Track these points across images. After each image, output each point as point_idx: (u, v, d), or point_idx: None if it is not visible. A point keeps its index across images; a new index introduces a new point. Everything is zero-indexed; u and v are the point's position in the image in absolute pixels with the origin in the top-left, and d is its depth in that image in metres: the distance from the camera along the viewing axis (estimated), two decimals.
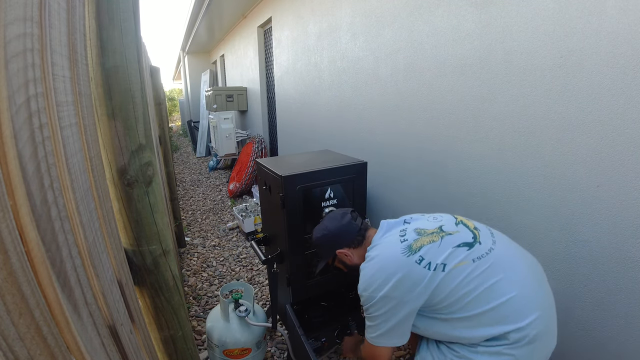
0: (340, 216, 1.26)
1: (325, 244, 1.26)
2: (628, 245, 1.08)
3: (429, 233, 1.06)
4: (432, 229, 1.07)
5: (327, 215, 1.33)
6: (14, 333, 0.28)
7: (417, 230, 1.08)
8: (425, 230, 1.08)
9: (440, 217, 1.14)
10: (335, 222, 1.25)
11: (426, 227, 1.08)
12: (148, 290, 0.80)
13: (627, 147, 1.04)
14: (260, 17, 4.34)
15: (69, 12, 0.54)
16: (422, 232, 1.07)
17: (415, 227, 1.09)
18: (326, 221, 1.29)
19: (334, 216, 1.28)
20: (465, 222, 1.12)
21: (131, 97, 0.71)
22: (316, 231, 1.30)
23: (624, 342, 1.13)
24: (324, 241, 1.26)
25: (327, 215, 1.33)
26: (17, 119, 0.33)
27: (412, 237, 1.06)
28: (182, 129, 12.62)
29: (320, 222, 1.33)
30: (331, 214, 1.31)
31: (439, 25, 1.63)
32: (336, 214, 1.29)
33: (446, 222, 1.09)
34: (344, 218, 1.24)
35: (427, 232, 1.07)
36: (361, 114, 2.37)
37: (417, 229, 1.08)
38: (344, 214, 1.26)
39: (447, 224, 1.09)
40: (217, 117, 5.16)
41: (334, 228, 1.23)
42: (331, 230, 1.24)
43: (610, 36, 1.04)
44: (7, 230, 0.29)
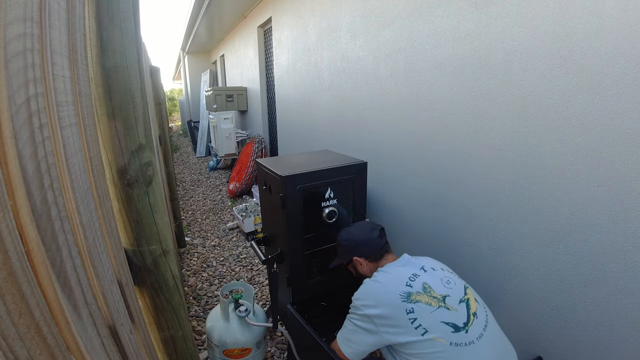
0: (370, 229, 1.34)
1: (347, 247, 1.36)
2: (628, 245, 1.08)
3: (432, 295, 1.08)
4: (437, 294, 1.09)
5: (359, 223, 1.43)
6: (14, 333, 0.28)
7: (425, 286, 1.10)
8: (432, 290, 1.10)
9: (453, 283, 1.15)
10: (363, 233, 1.34)
11: (434, 288, 1.11)
12: (148, 290, 0.80)
13: (627, 147, 1.04)
14: (260, 17, 4.34)
15: (69, 12, 0.54)
16: (427, 289, 1.10)
17: (425, 281, 1.12)
18: (356, 228, 1.39)
19: (365, 226, 1.37)
20: (470, 302, 1.12)
21: (131, 97, 0.71)
22: (344, 233, 1.40)
23: (625, 342, 1.13)
24: (348, 245, 1.36)
25: (358, 223, 1.44)
26: (17, 119, 0.33)
27: (416, 288, 1.09)
28: (182, 129, 12.62)
29: (351, 226, 1.43)
30: (363, 224, 1.41)
31: (439, 25, 1.63)
32: (367, 225, 1.38)
33: (453, 295, 1.10)
34: (372, 232, 1.33)
35: (431, 293, 1.09)
36: (361, 113, 2.37)
37: (425, 284, 1.11)
38: (373, 228, 1.35)
39: (453, 297, 1.10)
40: (217, 117, 5.16)
41: (361, 237, 1.33)
42: (357, 238, 1.34)
43: (610, 36, 1.04)
44: (7, 230, 0.29)
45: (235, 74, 6.27)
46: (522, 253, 1.41)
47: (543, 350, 1.39)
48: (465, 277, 1.69)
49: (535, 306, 1.40)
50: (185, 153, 8.72)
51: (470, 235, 1.64)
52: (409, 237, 2.06)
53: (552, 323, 1.34)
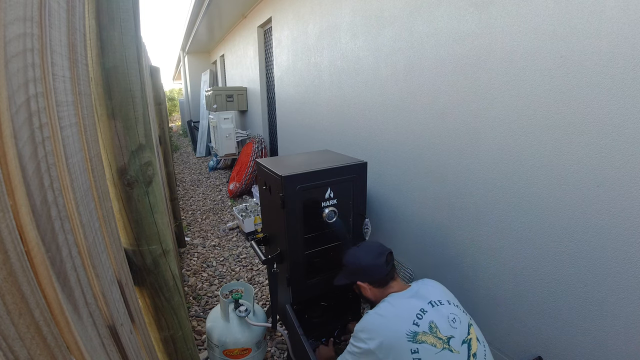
0: (377, 254, 1.30)
1: (352, 270, 1.33)
2: (628, 244, 1.08)
3: (437, 336, 1.08)
4: (442, 336, 1.08)
5: (366, 245, 1.38)
6: (14, 333, 0.28)
7: (431, 325, 1.09)
8: (438, 331, 1.09)
9: (458, 322, 1.14)
10: (369, 258, 1.30)
11: (440, 328, 1.10)
12: (148, 290, 0.80)
13: (627, 147, 1.04)
14: (260, 17, 4.34)
15: (69, 12, 0.54)
16: (434, 329, 1.08)
17: (432, 319, 1.10)
18: (362, 251, 1.34)
19: (371, 250, 1.33)
20: (472, 342, 1.12)
21: (131, 97, 0.71)
22: (350, 255, 1.36)
23: (625, 342, 1.13)
24: (352, 268, 1.33)
25: (366, 244, 1.39)
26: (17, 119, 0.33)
27: (423, 327, 1.08)
28: (182, 129, 12.62)
29: (358, 246, 1.38)
30: (370, 246, 1.36)
31: (439, 25, 1.63)
32: (374, 249, 1.32)
33: (457, 336, 1.10)
34: (379, 258, 1.29)
35: (437, 334, 1.08)
36: (361, 113, 2.37)
37: (432, 323, 1.10)
38: (381, 253, 1.30)
39: (457, 337, 1.10)
40: (217, 117, 5.16)
41: (366, 262, 1.29)
42: (362, 262, 1.30)
43: (610, 36, 1.04)
44: (7, 230, 0.29)
45: (235, 74, 6.27)
46: (522, 253, 1.41)
47: (543, 350, 1.39)
48: (464, 278, 1.70)
49: (535, 306, 1.40)
50: (185, 153, 8.72)
51: (470, 235, 1.64)
52: (408, 237, 2.06)
53: (552, 323, 1.34)
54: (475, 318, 1.66)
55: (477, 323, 1.64)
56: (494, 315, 1.59)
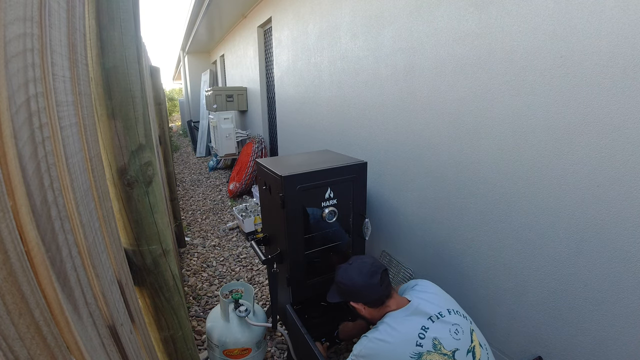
0: (370, 274, 1.23)
1: (344, 290, 1.27)
2: (628, 244, 1.08)
3: (442, 352, 1.06)
4: (447, 351, 1.07)
5: (359, 262, 1.29)
6: (14, 333, 0.28)
7: (435, 342, 1.07)
8: (442, 347, 1.07)
9: (461, 332, 1.12)
10: (362, 278, 1.23)
11: (444, 344, 1.07)
12: (148, 290, 0.80)
13: (627, 147, 1.04)
14: (260, 17, 4.34)
15: (69, 12, 0.54)
16: (438, 347, 1.06)
17: (435, 336, 1.08)
18: (355, 271, 1.26)
19: (364, 270, 1.25)
20: (476, 350, 1.12)
21: (131, 97, 0.71)
22: (342, 274, 1.29)
23: (625, 341, 1.13)
24: (344, 288, 1.26)
25: (358, 261, 1.30)
26: (17, 119, 0.33)
27: (427, 347, 1.06)
28: (182, 129, 12.62)
29: (350, 264, 1.30)
30: (363, 264, 1.27)
31: (439, 25, 1.63)
32: (367, 269, 1.25)
33: (462, 347, 1.09)
34: (373, 277, 1.22)
35: (442, 350, 1.06)
36: (361, 113, 2.37)
37: (435, 340, 1.07)
38: (374, 272, 1.23)
39: (462, 349, 1.08)
40: (217, 117, 5.16)
41: (359, 283, 1.22)
42: (355, 284, 1.23)
43: (610, 36, 1.04)
44: (7, 230, 0.29)
45: (235, 74, 6.27)
46: (521, 253, 1.41)
47: (543, 350, 1.39)
48: (464, 278, 1.70)
49: (535, 306, 1.40)
50: (185, 153, 8.72)
51: (470, 236, 1.64)
52: (408, 237, 2.06)
53: (552, 323, 1.34)
54: (475, 318, 1.66)
55: (477, 323, 1.64)
56: (494, 316, 1.59)
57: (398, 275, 2.11)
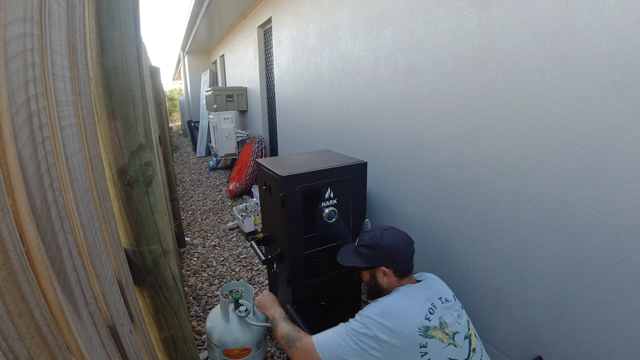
0: (407, 243, 1.27)
1: (381, 254, 1.23)
2: (628, 244, 1.08)
3: (445, 332, 1.09)
4: (449, 331, 1.09)
5: (394, 231, 1.29)
6: (14, 333, 0.28)
7: (441, 321, 1.10)
8: (446, 327, 1.10)
9: (461, 318, 1.15)
10: (403, 245, 1.24)
11: (448, 324, 1.10)
12: (148, 290, 0.80)
13: (627, 147, 1.04)
14: (260, 17, 4.34)
15: (69, 12, 0.54)
16: (443, 325, 1.09)
17: (441, 315, 1.11)
18: (394, 237, 1.25)
19: (403, 238, 1.27)
20: (472, 338, 1.14)
21: (131, 97, 0.71)
22: (379, 238, 1.25)
23: (625, 341, 1.13)
24: (382, 252, 1.22)
25: (393, 230, 1.29)
26: (17, 119, 0.33)
27: (434, 323, 1.08)
28: (182, 129, 12.62)
29: (385, 230, 1.28)
30: (399, 233, 1.29)
31: (439, 25, 1.62)
32: (405, 237, 1.28)
33: (461, 331, 1.11)
34: (410, 247, 1.26)
35: (445, 329, 1.09)
36: (361, 113, 2.37)
37: (441, 319, 1.10)
38: (411, 243, 1.28)
39: (461, 333, 1.11)
40: (217, 117, 5.16)
41: (400, 249, 1.22)
42: (397, 249, 1.22)
43: (610, 36, 1.04)
44: (7, 230, 0.29)
45: (235, 74, 6.27)
46: (522, 253, 1.41)
47: (543, 350, 1.39)
48: (464, 278, 1.70)
49: (535, 306, 1.40)
50: (185, 153, 8.72)
51: (469, 236, 1.64)
52: None
53: (552, 323, 1.34)
54: (475, 318, 1.66)
55: (477, 323, 1.64)
56: (494, 315, 1.59)
57: None
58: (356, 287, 1.88)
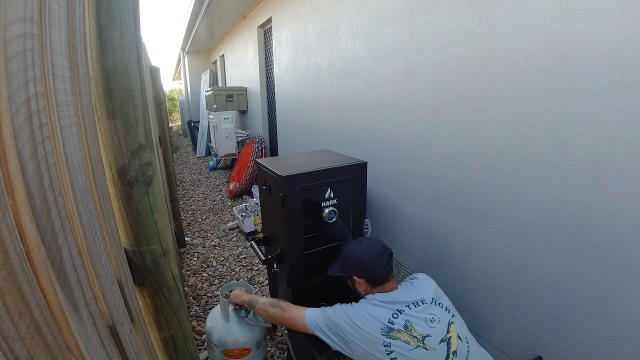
0: (379, 254, 1.31)
1: (351, 265, 1.33)
2: (628, 244, 1.08)
3: (412, 334, 1.11)
4: (417, 334, 1.11)
5: (369, 241, 1.37)
6: (14, 333, 0.28)
7: (407, 324, 1.13)
8: (413, 329, 1.12)
9: (437, 322, 1.16)
10: (371, 257, 1.30)
11: (415, 327, 1.13)
12: (148, 290, 0.80)
13: (627, 147, 1.04)
14: (260, 17, 4.34)
15: (69, 12, 0.54)
16: (409, 328, 1.12)
17: (407, 319, 1.14)
18: (365, 249, 1.33)
19: (374, 250, 1.32)
20: (452, 340, 1.14)
21: (131, 97, 0.71)
22: (351, 249, 1.36)
23: (625, 341, 1.13)
24: (352, 263, 1.33)
25: (368, 240, 1.37)
26: (17, 119, 0.33)
27: (398, 325, 1.12)
28: (182, 129, 12.62)
29: (360, 242, 1.37)
30: (373, 244, 1.35)
31: (439, 25, 1.62)
32: (377, 249, 1.32)
33: (434, 335, 1.12)
34: (381, 258, 1.29)
35: (412, 332, 1.12)
36: (361, 113, 2.37)
37: (407, 322, 1.13)
38: (383, 254, 1.31)
39: (434, 336, 1.12)
40: (217, 117, 5.16)
41: (368, 261, 1.30)
42: (364, 261, 1.30)
43: (610, 36, 1.04)
44: (7, 230, 0.29)
45: (235, 74, 6.27)
46: (522, 253, 1.41)
47: (543, 350, 1.39)
48: (464, 278, 1.70)
49: (535, 306, 1.40)
50: (185, 153, 8.72)
51: (469, 236, 1.64)
52: (408, 237, 2.06)
53: (552, 323, 1.34)
54: (475, 318, 1.66)
55: (477, 323, 1.64)
56: (494, 315, 1.59)
57: (398, 275, 2.11)
58: None
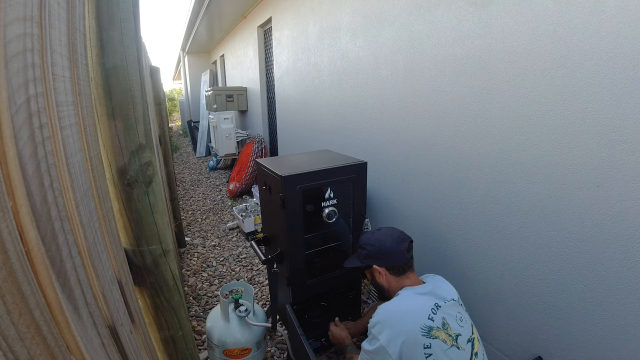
0: (399, 240, 1.26)
1: (370, 252, 1.27)
2: (628, 244, 1.08)
3: (448, 333, 1.08)
4: (452, 333, 1.09)
5: (388, 229, 1.32)
6: (14, 333, 0.28)
7: (444, 321, 1.09)
8: (449, 328, 1.10)
9: (464, 322, 1.15)
10: (391, 242, 1.24)
11: (451, 324, 1.10)
12: (148, 290, 0.80)
13: (627, 147, 1.04)
14: (260, 17, 4.34)
15: (69, 12, 0.54)
16: (446, 326, 1.09)
17: (444, 316, 1.10)
18: (384, 234, 1.28)
19: (394, 235, 1.27)
20: (475, 342, 1.14)
21: (131, 97, 0.71)
22: (370, 237, 1.30)
23: (625, 341, 1.13)
24: (371, 250, 1.27)
25: (387, 228, 1.33)
26: (17, 119, 0.33)
27: (437, 323, 1.08)
28: (182, 129, 12.62)
29: (379, 230, 1.32)
30: (392, 231, 1.30)
31: (439, 25, 1.62)
32: (397, 235, 1.28)
33: (464, 334, 1.11)
34: (401, 244, 1.24)
35: (448, 330, 1.09)
36: (361, 113, 2.37)
37: (444, 319, 1.10)
38: (403, 239, 1.26)
39: (464, 335, 1.11)
40: (217, 117, 5.16)
41: (388, 246, 1.24)
42: (384, 246, 1.24)
43: (610, 36, 1.04)
44: (7, 230, 0.29)
45: (235, 74, 6.27)
46: (522, 253, 1.41)
47: (543, 350, 1.39)
48: (464, 278, 1.70)
49: (535, 306, 1.40)
50: (185, 153, 8.72)
51: (469, 236, 1.64)
52: None
53: (552, 323, 1.34)
54: (475, 318, 1.66)
55: (477, 323, 1.64)
56: (494, 315, 1.59)
57: None
58: (356, 287, 1.88)
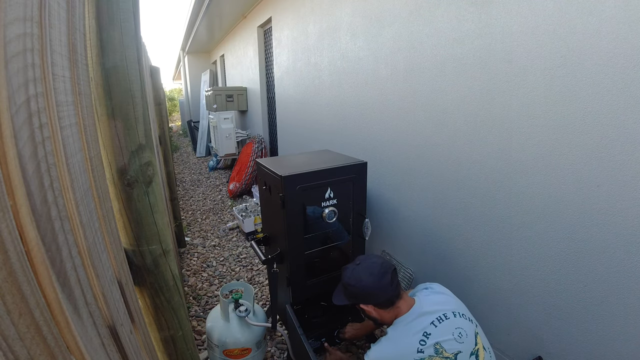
0: (380, 274, 1.20)
1: (353, 292, 1.24)
2: (628, 244, 1.08)
3: (444, 356, 1.06)
4: (449, 354, 1.07)
5: (367, 262, 1.26)
6: (14, 333, 0.28)
7: (437, 347, 1.07)
8: (444, 350, 1.07)
9: (465, 336, 1.12)
10: (372, 279, 1.20)
11: (446, 347, 1.07)
12: (148, 290, 0.80)
13: (627, 147, 1.04)
14: (260, 17, 4.34)
15: (69, 12, 0.54)
16: (440, 351, 1.07)
17: (437, 341, 1.08)
18: (364, 272, 1.23)
19: (374, 270, 1.22)
20: (480, 353, 1.12)
21: (131, 97, 0.71)
22: (350, 275, 1.25)
23: (625, 341, 1.13)
24: (354, 290, 1.23)
25: (366, 261, 1.27)
26: (17, 119, 0.33)
27: (428, 352, 1.07)
28: (182, 129, 12.62)
29: (358, 264, 1.27)
30: (372, 264, 1.24)
31: (439, 25, 1.62)
32: (377, 269, 1.22)
33: (465, 349, 1.09)
34: (384, 277, 1.19)
35: (444, 353, 1.07)
36: (361, 113, 2.37)
37: (437, 345, 1.07)
38: (384, 273, 1.21)
39: (465, 351, 1.09)
40: (217, 117, 5.16)
41: (369, 284, 1.20)
42: (365, 285, 1.20)
43: (610, 36, 1.04)
44: (7, 230, 0.29)
45: (235, 74, 6.27)
46: (522, 253, 1.41)
47: (543, 350, 1.39)
48: (464, 278, 1.70)
49: (535, 306, 1.40)
50: (185, 153, 8.72)
51: (470, 236, 1.64)
52: (408, 237, 2.06)
53: (552, 323, 1.34)
54: (475, 318, 1.65)
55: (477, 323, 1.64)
56: (494, 316, 1.59)
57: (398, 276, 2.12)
58: None
